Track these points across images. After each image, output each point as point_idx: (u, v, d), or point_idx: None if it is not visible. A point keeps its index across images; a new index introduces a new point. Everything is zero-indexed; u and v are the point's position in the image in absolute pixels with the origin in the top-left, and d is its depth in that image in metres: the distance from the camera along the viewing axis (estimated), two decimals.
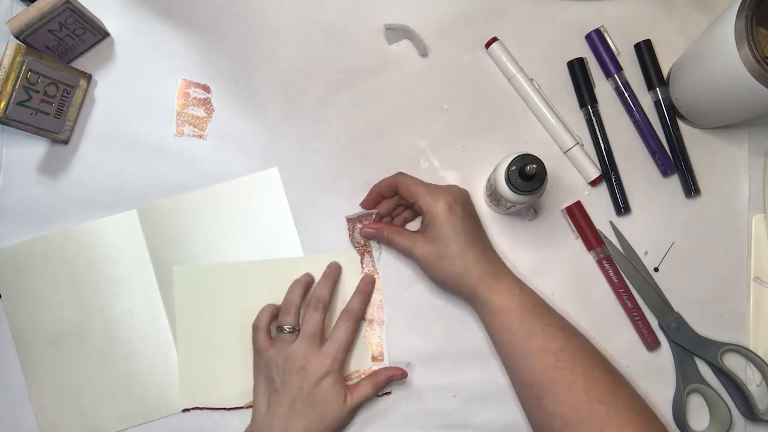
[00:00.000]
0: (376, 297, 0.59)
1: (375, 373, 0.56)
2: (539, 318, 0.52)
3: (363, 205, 0.59)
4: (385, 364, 0.58)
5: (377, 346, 0.58)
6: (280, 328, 0.55)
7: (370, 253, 0.60)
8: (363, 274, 0.59)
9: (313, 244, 0.60)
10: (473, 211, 0.56)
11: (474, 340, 0.58)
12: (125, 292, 0.59)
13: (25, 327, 0.58)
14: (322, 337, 0.55)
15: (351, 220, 0.59)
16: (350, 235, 0.59)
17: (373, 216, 0.59)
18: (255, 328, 0.56)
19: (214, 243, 0.59)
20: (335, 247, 0.60)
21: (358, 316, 0.57)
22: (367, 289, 0.58)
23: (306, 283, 0.58)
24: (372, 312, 0.59)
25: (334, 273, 0.58)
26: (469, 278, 0.53)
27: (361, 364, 0.58)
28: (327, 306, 0.57)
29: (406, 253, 0.56)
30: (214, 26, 0.61)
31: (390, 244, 0.57)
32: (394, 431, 0.58)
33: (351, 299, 0.58)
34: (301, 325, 0.55)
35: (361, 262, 0.59)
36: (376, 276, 0.59)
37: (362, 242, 0.59)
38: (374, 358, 0.58)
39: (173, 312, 0.58)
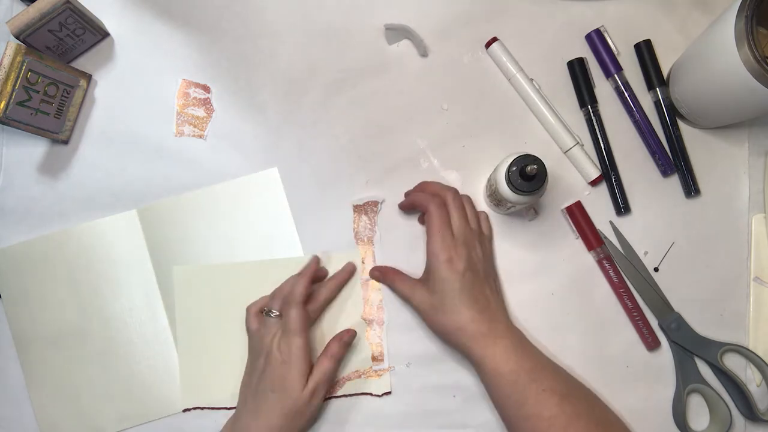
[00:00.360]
0: (376, 297, 0.59)
1: (327, 344, 0.56)
2: (534, 383, 0.50)
3: (401, 206, 0.59)
4: (385, 364, 0.58)
5: (377, 346, 0.58)
6: (265, 311, 0.56)
7: (371, 240, 0.59)
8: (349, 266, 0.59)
9: (313, 244, 0.60)
10: (478, 265, 0.54)
11: None
12: (125, 292, 0.59)
13: (25, 327, 0.58)
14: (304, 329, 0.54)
15: (357, 209, 0.59)
16: (354, 227, 0.59)
17: (379, 205, 0.59)
18: (246, 309, 0.57)
19: (214, 243, 0.59)
20: (335, 247, 0.60)
21: (325, 302, 0.57)
22: (342, 277, 0.58)
23: (305, 276, 0.57)
24: (372, 312, 0.59)
25: (340, 276, 0.59)
26: (463, 336, 0.52)
27: (361, 364, 0.58)
28: (301, 303, 0.55)
29: (405, 300, 0.57)
30: (214, 26, 0.61)
31: (392, 288, 0.58)
32: (394, 431, 0.58)
33: (325, 285, 0.58)
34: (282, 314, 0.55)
35: (363, 261, 0.59)
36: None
37: (365, 237, 0.59)
38: (374, 358, 0.58)
39: (173, 312, 0.58)
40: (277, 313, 0.55)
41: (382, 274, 0.58)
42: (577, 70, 0.60)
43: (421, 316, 0.55)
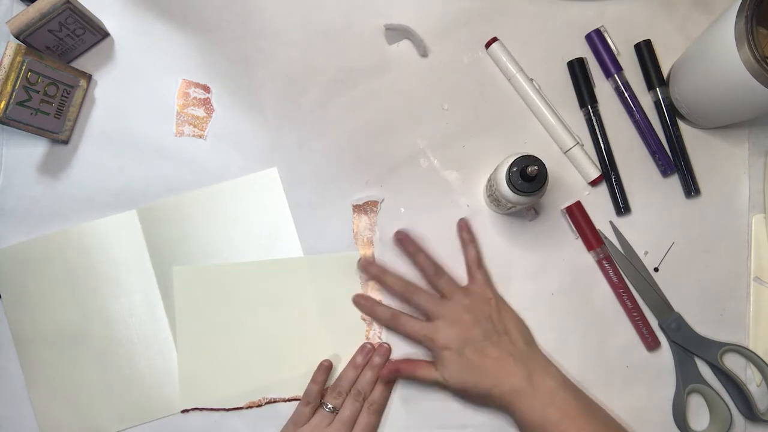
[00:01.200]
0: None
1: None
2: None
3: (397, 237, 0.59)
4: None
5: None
6: (324, 405, 0.56)
7: (371, 240, 0.59)
8: (379, 353, 0.58)
9: (313, 244, 0.60)
10: (474, 332, 0.54)
11: None
12: (125, 292, 0.59)
13: (25, 327, 0.58)
14: (353, 424, 0.56)
15: (357, 209, 0.59)
16: (354, 227, 0.59)
17: (379, 204, 0.59)
18: (305, 402, 0.57)
19: (213, 243, 0.59)
20: (335, 247, 0.60)
21: (380, 407, 0.57)
22: (388, 377, 0.57)
23: (359, 368, 0.58)
24: None
25: (381, 363, 0.58)
26: (492, 402, 0.54)
27: None
28: (366, 398, 0.57)
29: (437, 386, 0.55)
30: (214, 26, 0.61)
31: (413, 379, 0.57)
32: (394, 431, 0.58)
33: (375, 389, 0.57)
34: (340, 409, 0.56)
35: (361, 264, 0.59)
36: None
37: (365, 237, 0.59)
38: None
39: (173, 312, 0.58)
40: (333, 409, 0.56)
41: (396, 372, 0.56)
42: (577, 70, 0.60)
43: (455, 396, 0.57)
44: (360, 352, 0.58)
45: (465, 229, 0.58)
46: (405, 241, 0.58)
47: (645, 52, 0.60)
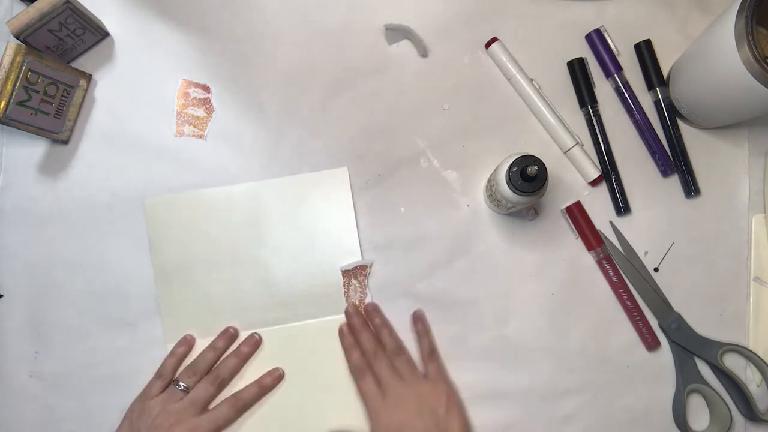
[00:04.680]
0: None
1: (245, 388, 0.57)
2: None
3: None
4: None
5: None
6: (176, 382, 0.56)
7: (363, 303, 0.59)
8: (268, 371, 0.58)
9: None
10: (416, 426, 0.53)
11: (474, 341, 0.59)
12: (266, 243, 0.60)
13: (164, 260, 0.59)
14: (205, 407, 0.55)
15: (346, 274, 0.59)
16: (345, 291, 0.59)
17: (368, 269, 0.59)
18: (158, 375, 0.56)
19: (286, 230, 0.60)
20: (337, 248, 0.60)
21: (244, 407, 0.56)
22: (266, 383, 0.57)
23: (219, 351, 0.58)
24: None
25: (244, 354, 0.58)
26: None
27: None
28: (225, 385, 0.57)
29: None
30: (214, 26, 0.61)
31: None
32: None
33: (248, 386, 0.57)
34: (192, 389, 0.56)
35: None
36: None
37: (357, 300, 0.59)
38: None
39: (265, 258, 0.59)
40: (185, 388, 0.55)
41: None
42: (577, 70, 0.60)
43: None
44: (222, 336, 0.58)
45: (419, 321, 0.58)
46: (372, 314, 0.58)
47: (645, 52, 0.60)
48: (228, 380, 0.57)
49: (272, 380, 0.57)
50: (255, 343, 0.58)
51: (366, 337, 0.57)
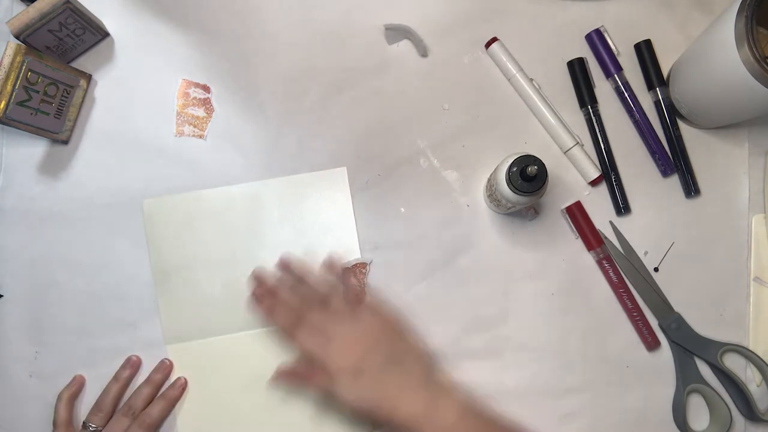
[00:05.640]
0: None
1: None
2: None
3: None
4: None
5: None
6: (85, 425, 0.55)
7: (362, 301, 0.58)
8: (166, 370, 0.57)
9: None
10: (372, 359, 0.51)
11: (474, 341, 0.58)
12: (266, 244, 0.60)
13: (163, 260, 0.59)
14: None
15: (346, 271, 0.59)
16: (343, 290, 0.59)
17: (367, 266, 0.59)
18: (55, 424, 0.55)
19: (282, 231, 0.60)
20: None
21: (154, 423, 0.55)
22: (173, 395, 0.56)
23: (123, 382, 0.57)
24: None
25: (157, 381, 0.57)
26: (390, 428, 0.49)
27: None
28: (137, 415, 0.55)
29: (332, 398, 0.52)
30: (214, 26, 0.61)
31: (305, 389, 0.56)
32: None
33: (154, 402, 0.56)
34: (105, 427, 0.55)
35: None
36: None
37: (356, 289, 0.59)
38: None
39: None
40: (95, 428, 0.54)
41: (288, 380, 0.55)
42: (577, 70, 0.60)
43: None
44: (125, 366, 0.57)
45: (351, 275, 0.57)
46: (286, 267, 0.57)
47: (645, 52, 0.60)
48: (142, 410, 0.56)
49: (177, 390, 0.57)
50: (166, 368, 0.57)
51: (285, 291, 0.55)
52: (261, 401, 0.58)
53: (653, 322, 0.58)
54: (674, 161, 0.59)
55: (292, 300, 0.55)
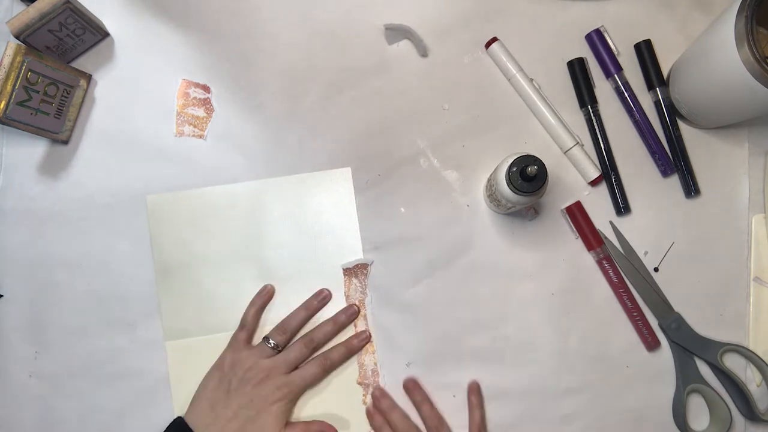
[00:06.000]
0: (370, 361, 0.59)
1: (311, 422, 0.57)
2: None
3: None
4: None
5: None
6: (266, 339, 0.56)
7: (363, 303, 0.59)
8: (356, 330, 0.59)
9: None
10: None
11: (474, 340, 0.59)
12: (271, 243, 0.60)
13: (165, 256, 0.59)
14: (295, 367, 0.56)
15: (347, 272, 0.59)
16: (345, 290, 0.59)
17: (368, 267, 0.59)
18: (242, 326, 0.57)
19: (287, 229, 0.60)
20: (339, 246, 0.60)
21: (332, 367, 0.57)
22: (356, 345, 0.58)
23: (313, 310, 0.58)
24: (367, 376, 0.58)
25: (341, 322, 0.58)
26: None
27: (358, 429, 0.58)
28: (318, 349, 0.57)
29: None
30: (214, 26, 0.61)
31: None
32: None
33: (336, 347, 0.58)
34: (285, 348, 0.56)
35: (355, 325, 0.59)
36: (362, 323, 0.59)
37: (356, 299, 0.59)
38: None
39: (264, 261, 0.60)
40: (276, 346, 0.56)
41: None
42: (577, 70, 0.60)
43: None
44: (315, 297, 0.58)
45: (475, 393, 0.57)
46: (413, 390, 0.58)
47: (645, 52, 0.60)
48: (321, 345, 0.58)
49: (360, 342, 0.58)
50: (353, 313, 0.59)
51: (397, 416, 0.57)
52: None
53: (653, 322, 0.58)
54: (674, 161, 0.59)
55: (400, 424, 0.56)
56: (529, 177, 0.49)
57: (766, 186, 0.59)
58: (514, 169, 0.50)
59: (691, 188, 0.59)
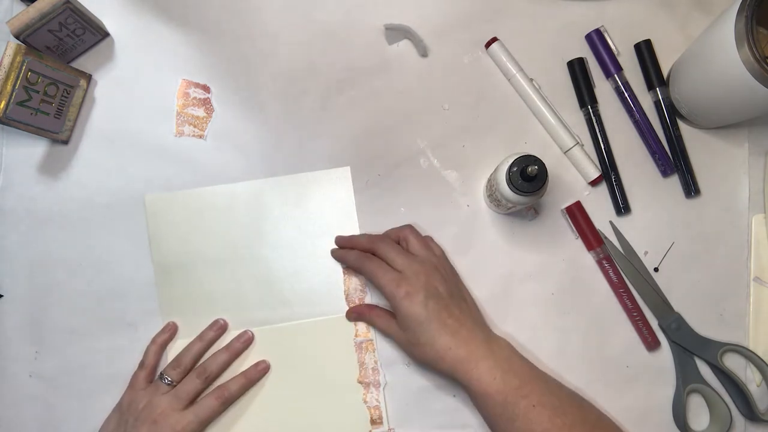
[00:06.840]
0: (370, 359, 0.58)
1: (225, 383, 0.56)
2: (523, 399, 0.49)
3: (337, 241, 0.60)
4: (385, 427, 0.57)
5: (375, 409, 0.57)
6: (161, 376, 0.56)
7: (362, 302, 0.59)
8: (245, 339, 0.58)
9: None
10: (440, 288, 0.53)
11: None
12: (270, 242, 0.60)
13: (164, 252, 0.59)
14: (190, 401, 0.55)
15: (347, 270, 0.59)
16: (345, 289, 0.59)
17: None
18: (141, 365, 0.57)
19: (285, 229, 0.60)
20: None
21: (230, 399, 0.56)
22: (254, 375, 0.57)
23: (207, 342, 0.58)
24: (368, 375, 0.58)
25: (236, 349, 0.57)
26: (444, 364, 0.51)
27: (359, 428, 0.57)
28: (212, 380, 0.56)
29: (386, 336, 0.57)
30: (214, 26, 0.61)
31: (371, 326, 0.58)
32: (395, 431, 0.58)
33: (235, 378, 0.56)
34: (179, 383, 0.55)
35: (355, 325, 0.59)
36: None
37: (356, 298, 0.59)
38: (373, 422, 0.57)
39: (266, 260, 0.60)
40: (170, 382, 0.55)
41: (359, 315, 0.58)
42: (577, 70, 0.60)
43: (404, 352, 0.56)
44: (210, 328, 0.58)
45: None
46: (352, 240, 0.58)
47: (645, 52, 0.60)
48: (216, 375, 0.56)
49: (258, 372, 0.57)
50: (247, 339, 0.58)
51: (356, 238, 0.58)
52: (262, 396, 0.58)
53: (653, 322, 0.58)
54: (674, 161, 0.59)
55: (364, 241, 0.57)
56: (529, 177, 0.49)
57: (766, 186, 0.59)
58: (515, 169, 0.50)
59: (691, 188, 0.59)
